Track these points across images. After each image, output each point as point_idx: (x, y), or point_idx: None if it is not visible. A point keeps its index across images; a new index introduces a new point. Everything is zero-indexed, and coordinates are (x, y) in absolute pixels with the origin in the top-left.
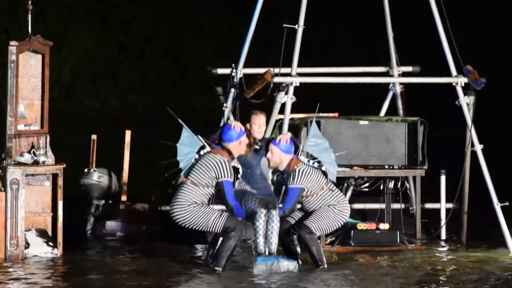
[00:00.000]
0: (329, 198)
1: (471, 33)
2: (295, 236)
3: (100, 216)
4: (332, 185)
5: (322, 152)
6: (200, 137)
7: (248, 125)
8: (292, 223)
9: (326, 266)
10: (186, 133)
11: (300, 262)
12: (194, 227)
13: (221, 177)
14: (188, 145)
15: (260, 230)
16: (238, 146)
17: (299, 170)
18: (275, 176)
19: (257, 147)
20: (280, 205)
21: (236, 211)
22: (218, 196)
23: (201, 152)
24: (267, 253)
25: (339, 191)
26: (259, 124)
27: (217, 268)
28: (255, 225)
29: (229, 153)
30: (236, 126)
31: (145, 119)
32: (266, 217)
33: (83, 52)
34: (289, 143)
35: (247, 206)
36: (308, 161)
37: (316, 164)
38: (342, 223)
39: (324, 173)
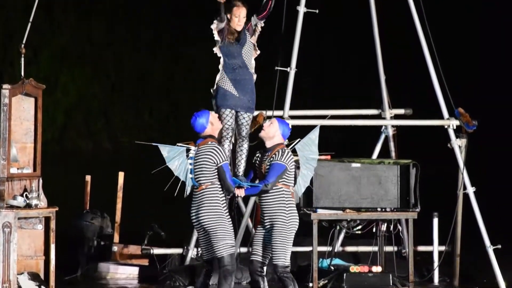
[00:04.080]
0: (286, 201)
1: (464, 75)
2: (264, 276)
3: (93, 257)
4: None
5: (307, 159)
6: (179, 144)
7: (228, 16)
8: (260, 260)
9: None
10: (165, 149)
11: None
12: (211, 234)
13: (219, 161)
14: (174, 158)
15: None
16: (212, 127)
17: (288, 152)
18: (255, 157)
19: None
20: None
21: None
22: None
23: (190, 155)
24: None
25: (294, 201)
26: (239, 17)
27: None
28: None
29: (212, 137)
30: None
31: (138, 159)
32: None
33: (76, 94)
34: (289, 130)
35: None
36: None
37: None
38: (293, 235)
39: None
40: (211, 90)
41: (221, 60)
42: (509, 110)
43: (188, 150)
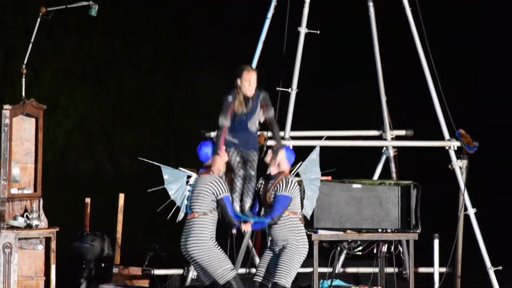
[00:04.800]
0: (295, 227)
1: (465, 96)
2: None
3: (93, 279)
4: (301, 216)
5: (310, 181)
6: (181, 168)
7: (238, 81)
8: (260, 281)
9: None
10: (166, 171)
11: None
12: (204, 265)
13: (220, 194)
14: (174, 182)
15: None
16: (218, 157)
17: (292, 180)
18: (259, 184)
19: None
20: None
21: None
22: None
23: (190, 182)
24: None
25: (303, 226)
26: (249, 82)
27: None
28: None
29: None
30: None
31: (138, 181)
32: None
33: (77, 115)
34: (293, 156)
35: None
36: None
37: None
38: (302, 261)
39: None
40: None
41: None
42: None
43: (189, 176)
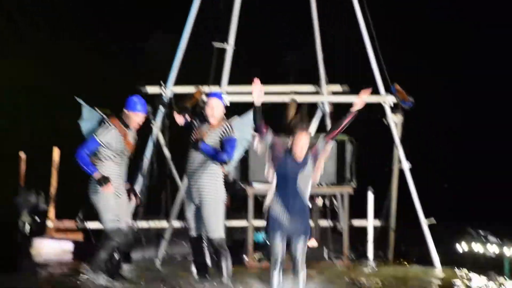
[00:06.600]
0: (217, 175)
1: (401, 52)
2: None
3: (28, 233)
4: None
5: (239, 139)
6: (97, 109)
7: (290, 140)
8: (196, 236)
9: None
10: (86, 109)
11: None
12: (98, 210)
13: (95, 133)
14: (89, 120)
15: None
16: (136, 117)
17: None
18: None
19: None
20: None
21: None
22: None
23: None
24: None
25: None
26: (300, 145)
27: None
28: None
29: (126, 126)
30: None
31: (74, 136)
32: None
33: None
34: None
35: None
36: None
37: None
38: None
39: None
40: None
41: None
42: (447, 89)
43: (102, 119)
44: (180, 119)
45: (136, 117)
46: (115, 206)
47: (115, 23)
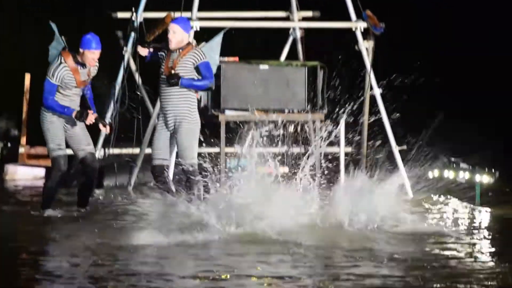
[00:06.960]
0: (191, 100)
1: None
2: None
3: (0, 159)
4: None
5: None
6: (63, 38)
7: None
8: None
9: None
10: (56, 36)
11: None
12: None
13: (48, 74)
14: (55, 48)
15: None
16: (91, 54)
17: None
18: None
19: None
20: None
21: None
22: None
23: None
24: None
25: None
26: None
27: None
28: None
29: (80, 63)
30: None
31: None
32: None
33: None
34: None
35: None
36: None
37: None
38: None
39: None
40: None
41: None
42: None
43: (64, 48)
44: (143, 51)
45: (92, 55)
46: (60, 137)
47: None
